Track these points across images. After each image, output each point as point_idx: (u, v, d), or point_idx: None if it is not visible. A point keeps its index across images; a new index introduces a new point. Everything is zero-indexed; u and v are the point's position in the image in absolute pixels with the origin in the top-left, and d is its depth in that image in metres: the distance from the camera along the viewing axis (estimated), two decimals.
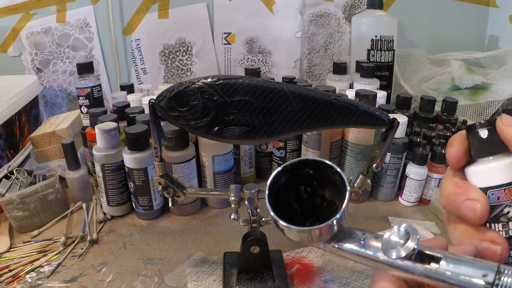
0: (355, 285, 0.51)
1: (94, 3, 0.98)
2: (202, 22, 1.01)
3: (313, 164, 0.31)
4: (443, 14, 1.07)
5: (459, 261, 0.23)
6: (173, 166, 0.64)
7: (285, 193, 0.31)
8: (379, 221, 0.66)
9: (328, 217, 0.26)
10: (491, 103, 0.81)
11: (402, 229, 0.25)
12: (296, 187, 0.32)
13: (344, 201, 0.27)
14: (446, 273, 0.23)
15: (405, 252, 0.24)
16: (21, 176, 0.69)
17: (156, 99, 0.43)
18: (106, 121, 0.64)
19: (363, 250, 0.26)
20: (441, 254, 0.23)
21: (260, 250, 0.48)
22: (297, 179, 0.31)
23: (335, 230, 0.27)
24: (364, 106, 0.43)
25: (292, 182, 0.32)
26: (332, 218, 0.26)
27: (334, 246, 0.28)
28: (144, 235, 0.63)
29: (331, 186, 0.30)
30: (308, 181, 0.32)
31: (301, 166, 0.31)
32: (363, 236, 0.27)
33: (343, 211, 0.27)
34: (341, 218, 0.27)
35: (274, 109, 0.42)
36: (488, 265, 0.22)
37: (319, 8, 1.01)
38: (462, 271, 0.22)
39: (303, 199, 0.32)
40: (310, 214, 0.31)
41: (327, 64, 1.07)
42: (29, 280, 0.52)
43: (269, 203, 0.29)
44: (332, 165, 0.29)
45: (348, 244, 0.27)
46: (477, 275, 0.22)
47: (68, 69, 1.02)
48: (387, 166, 0.68)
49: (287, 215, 0.28)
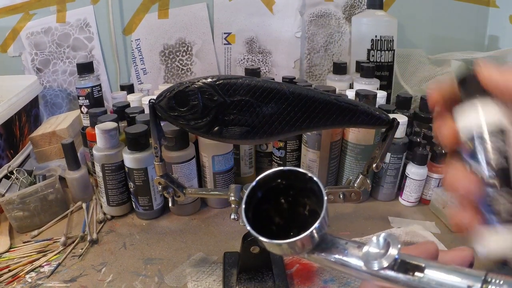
0: (355, 285, 0.51)
1: (94, 3, 0.98)
2: (202, 22, 1.01)
3: (288, 173, 0.30)
4: (443, 14, 1.07)
5: (444, 270, 0.22)
6: (173, 166, 0.64)
7: (265, 205, 0.30)
8: (379, 221, 0.66)
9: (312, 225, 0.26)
10: None
11: (381, 239, 0.24)
12: (276, 198, 0.31)
13: (322, 209, 0.26)
14: (431, 283, 0.22)
15: (386, 262, 0.23)
16: (21, 176, 0.69)
17: (156, 99, 0.43)
18: (106, 121, 0.64)
19: (347, 261, 0.26)
20: (425, 264, 0.23)
21: (260, 250, 0.48)
22: (276, 190, 0.31)
23: (316, 240, 0.26)
24: (364, 106, 0.43)
25: (271, 194, 0.31)
26: (311, 228, 0.25)
27: (318, 257, 0.27)
28: (144, 235, 0.63)
29: (311, 195, 0.29)
30: (288, 191, 0.31)
31: (275, 177, 0.30)
32: (345, 245, 0.26)
33: (322, 219, 0.26)
34: (321, 227, 0.26)
35: (274, 109, 0.42)
36: (474, 275, 0.21)
37: (319, 8, 1.01)
38: (447, 281, 0.22)
39: (284, 210, 0.31)
40: (294, 225, 0.30)
41: (327, 64, 1.07)
42: (29, 280, 0.52)
43: (246, 219, 0.28)
44: (306, 172, 0.28)
45: (331, 254, 0.26)
46: (463, 285, 0.21)
47: (68, 69, 1.02)
48: (387, 166, 0.68)
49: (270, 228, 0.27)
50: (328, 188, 0.49)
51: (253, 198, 0.30)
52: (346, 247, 0.26)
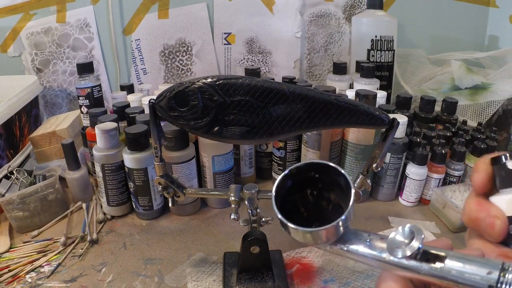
0: (355, 285, 0.51)
1: (94, 3, 0.98)
2: (202, 22, 1.01)
3: (318, 167, 0.31)
4: (443, 14, 1.07)
5: (464, 259, 0.23)
6: (173, 166, 0.64)
7: (291, 196, 0.32)
8: (379, 221, 0.66)
9: (334, 220, 0.27)
10: (491, 103, 0.81)
11: (407, 229, 0.25)
12: (302, 190, 0.32)
13: (349, 203, 0.27)
14: (451, 272, 0.23)
15: (410, 251, 0.24)
16: (21, 176, 0.69)
17: (156, 99, 0.43)
18: (106, 121, 0.64)
19: (369, 251, 0.27)
20: (446, 253, 0.24)
21: (260, 250, 0.48)
22: (303, 182, 0.32)
23: (340, 232, 0.27)
24: (364, 106, 0.43)
25: (298, 185, 0.32)
26: (338, 220, 0.26)
27: (341, 248, 0.28)
28: (144, 235, 0.63)
29: (336, 189, 0.30)
30: (314, 184, 0.32)
31: (307, 169, 0.31)
32: (368, 237, 0.27)
33: (348, 212, 0.27)
34: (347, 220, 0.27)
35: (274, 109, 0.42)
36: (492, 263, 0.22)
37: (319, 8, 1.01)
38: (466, 269, 0.23)
39: (309, 202, 0.32)
40: (316, 218, 0.31)
41: (327, 64, 1.07)
42: (29, 280, 0.52)
43: (276, 206, 0.29)
44: (337, 167, 0.30)
45: (354, 245, 0.27)
46: (482, 273, 0.22)
47: (68, 69, 1.02)
48: (387, 166, 0.68)
49: (293, 218, 0.28)
50: None
51: (283, 187, 0.31)
52: (369, 238, 0.27)
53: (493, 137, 0.72)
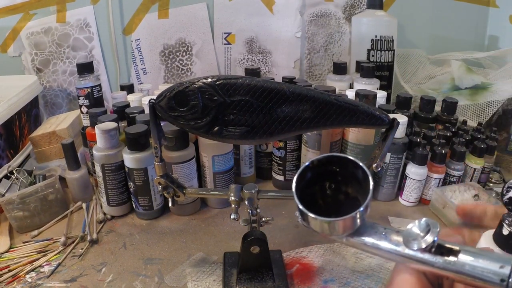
0: (355, 285, 0.51)
1: (94, 3, 0.98)
2: (202, 22, 1.01)
3: (338, 160, 0.31)
4: (443, 14, 1.07)
5: (477, 254, 0.24)
6: (173, 166, 0.64)
7: (310, 188, 0.32)
8: (379, 221, 0.66)
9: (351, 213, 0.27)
10: (491, 103, 0.81)
11: (423, 222, 0.26)
12: (321, 183, 0.33)
13: (367, 196, 0.28)
14: (465, 266, 0.24)
15: (425, 244, 0.25)
16: (21, 176, 0.69)
17: (156, 99, 0.43)
18: (106, 121, 0.64)
19: (385, 244, 0.27)
20: (460, 247, 0.24)
21: (260, 250, 0.48)
22: (322, 175, 0.32)
23: (357, 224, 0.28)
24: (364, 106, 0.43)
25: (318, 178, 0.32)
26: (356, 211, 0.27)
27: (357, 240, 0.29)
28: (144, 235, 0.63)
29: (354, 182, 0.31)
30: (333, 177, 0.32)
31: (327, 162, 0.32)
32: (384, 230, 0.28)
33: (366, 204, 0.27)
34: (364, 212, 0.28)
35: (274, 109, 0.42)
36: (505, 258, 0.23)
37: (319, 8, 1.01)
38: (479, 263, 0.23)
39: (327, 195, 0.33)
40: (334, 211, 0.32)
41: (327, 64, 1.07)
42: (29, 280, 0.52)
43: (296, 196, 0.30)
44: (356, 160, 0.30)
45: (370, 238, 0.28)
46: (494, 267, 0.23)
47: (68, 69, 1.02)
48: (387, 166, 0.68)
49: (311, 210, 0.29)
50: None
51: (303, 179, 0.32)
52: (385, 231, 0.28)
53: (493, 137, 0.72)
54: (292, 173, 0.75)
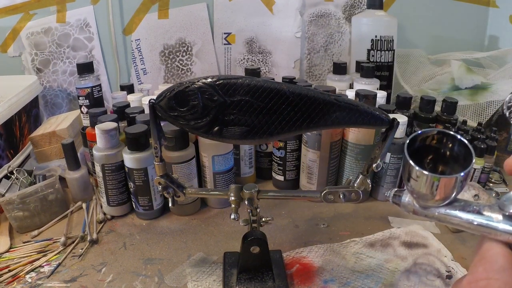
0: (355, 285, 0.51)
1: (94, 3, 0.98)
2: (202, 22, 1.01)
3: (444, 136, 0.32)
4: (443, 14, 1.07)
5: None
6: (173, 166, 0.64)
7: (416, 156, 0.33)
8: (379, 221, 0.66)
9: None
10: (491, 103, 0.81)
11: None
12: (423, 157, 0.33)
13: (469, 166, 0.28)
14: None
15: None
16: (21, 176, 0.69)
17: (156, 99, 0.43)
18: (106, 121, 0.64)
19: (478, 217, 0.28)
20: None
21: (260, 250, 0.48)
22: (424, 149, 0.33)
23: (455, 190, 0.29)
24: (364, 106, 0.43)
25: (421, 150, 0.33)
26: (457, 174, 0.28)
27: (450, 212, 0.30)
28: (144, 235, 0.63)
29: (452, 163, 0.32)
30: (435, 153, 0.33)
31: (433, 136, 0.33)
32: (478, 204, 0.29)
33: (467, 171, 0.28)
34: (465, 178, 0.28)
35: (274, 109, 0.42)
36: None
37: (319, 8, 1.02)
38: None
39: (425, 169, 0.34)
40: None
41: (327, 64, 1.07)
42: (29, 280, 0.52)
43: (407, 153, 0.31)
44: (456, 135, 0.31)
45: (462, 211, 0.29)
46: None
47: (68, 69, 1.02)
48: (387, 166, 0.68)
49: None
50: (328, 188, 0.49)
51: (413, 143, 0.32)
52: (479, 205, 0.29)
53: (493, 137, 0.72)
54: (292, 173, 0.75)
